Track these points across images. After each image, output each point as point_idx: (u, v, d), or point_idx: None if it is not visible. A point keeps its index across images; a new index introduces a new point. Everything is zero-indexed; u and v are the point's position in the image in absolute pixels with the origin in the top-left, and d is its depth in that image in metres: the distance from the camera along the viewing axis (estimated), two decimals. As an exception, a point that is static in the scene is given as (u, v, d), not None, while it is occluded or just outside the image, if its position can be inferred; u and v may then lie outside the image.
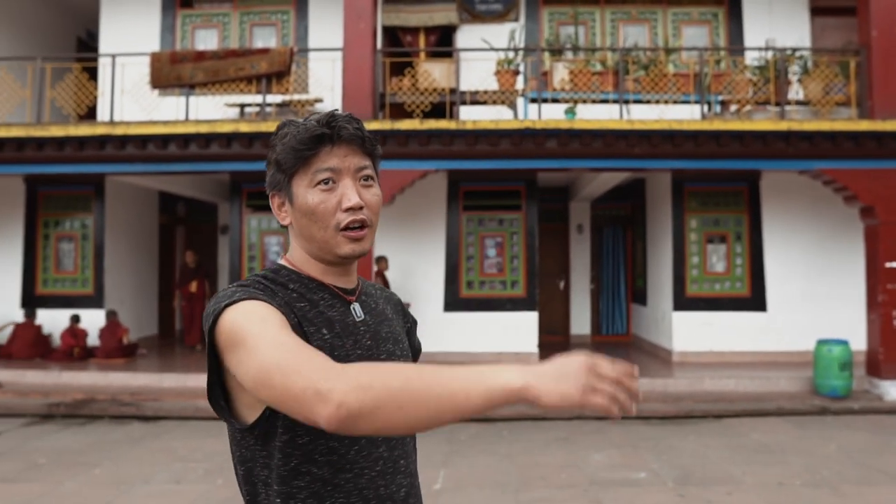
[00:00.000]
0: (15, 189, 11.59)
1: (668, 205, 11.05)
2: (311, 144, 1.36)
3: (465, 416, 1.09)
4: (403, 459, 1.41)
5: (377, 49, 9.36)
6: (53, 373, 9.75)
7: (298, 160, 1.36)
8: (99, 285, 11.46)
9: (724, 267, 10.94)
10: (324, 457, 1.29)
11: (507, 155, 9.12)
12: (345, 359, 1.30)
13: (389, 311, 1.54)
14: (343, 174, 1.37)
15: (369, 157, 1.42)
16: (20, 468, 6.32)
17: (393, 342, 1.45)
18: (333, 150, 1.37)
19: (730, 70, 10.14)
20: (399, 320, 1.57)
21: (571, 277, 13.67)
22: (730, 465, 6.31)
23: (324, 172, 1.36)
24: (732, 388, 9.12)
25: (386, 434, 1.29)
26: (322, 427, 1.06)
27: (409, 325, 1.64)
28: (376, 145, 1.44)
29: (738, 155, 9.10)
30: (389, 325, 1.48)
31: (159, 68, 9.72)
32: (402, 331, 1.55)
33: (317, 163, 1.36)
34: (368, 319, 1.42)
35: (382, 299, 1.55)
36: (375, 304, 1.49)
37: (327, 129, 1.36)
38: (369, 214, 1.39)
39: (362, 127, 1.41)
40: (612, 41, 11.33)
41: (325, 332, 1.33)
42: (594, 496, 5.48)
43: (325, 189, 1.36)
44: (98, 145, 9.31)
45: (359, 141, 1.39)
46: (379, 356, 1.39)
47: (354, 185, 1.38)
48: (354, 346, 1.36)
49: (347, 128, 1.37)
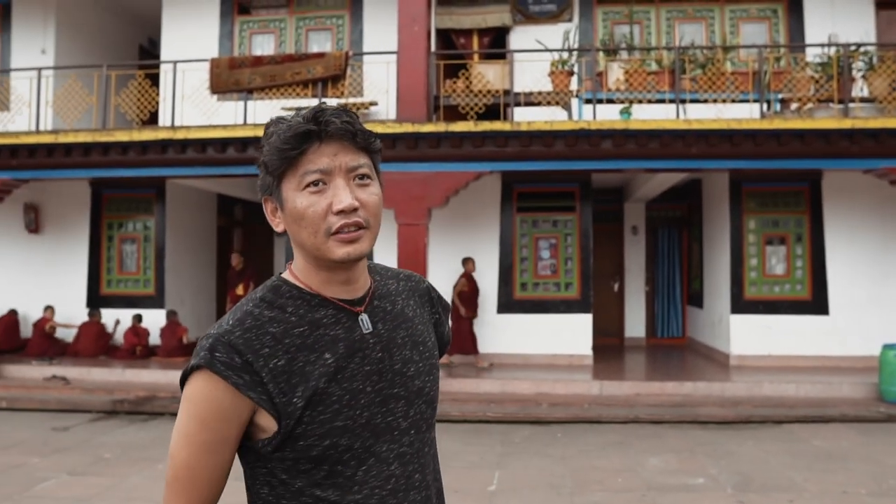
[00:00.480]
0: (82, 192, 11.99)
1: (725, 205, 10.85)
2: (296, 143, 1.24)
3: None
4: (419, 473, 1.34)
5: (431, 51, 9.41)
6: (117, 370, 10.05)
7: (284, 161, 1.25)
8: (160, 286, 11.77)
9: (783, 269, 10.69)
10: (329, 480, 1.25)
11: (562, 156, 9.07)
12: (351, 380, 1.26)
13: (412, 306, 1.43)
14: (334, 174, 1.25)
15: (365, 153, 1.30)
16: (88, 462, 6.54)
17: (411, 346, 1.36)
18: (322, 149, 1.25)
19: (790, 67, 9.90)
20: (425, 313, 1.47)
21: (626, 279, 13.52)
22: (791, 471, 6.17)
23: (312, 174, 1.24)
24: (793, 393, 8.89)
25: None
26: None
27: (438, 316, 1.51)
28: (372, 140, 1.30)
29: (800, 154, 8.89)
30: (409, 326, 1.39)
31: (218, 74, 9.94)
32: (427, 327, 1.45)
33: (305, 163, 1.25)
34: (381, 329, 1.33)
35: (403, 294, 1.44)
36: (392, 306, 1.39)
37: (313, 125, 1.24)
38: (366, 216, 1.27)
39: (354, 120, 1.27)
40: (668, 40, 11.17)
41: (328, 355, 1.26)
42: (651, 501, 5.41)
43: (315, 191, 1.25)
44: (160, 149, 9.58)
45: (349, 136, 1.26)
46: (392, 366, 1.31)
47: (347, 185, 1.26)
48: (362, 362, 1.28)
49: (335, 122, 1.24)
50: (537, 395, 9.04)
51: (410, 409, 1.33)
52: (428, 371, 1.39)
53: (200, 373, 1.22)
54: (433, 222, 10.13)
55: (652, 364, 11.24)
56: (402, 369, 1.33)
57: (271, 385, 1.22)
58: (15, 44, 12.12)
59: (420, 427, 1.35)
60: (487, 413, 8.34)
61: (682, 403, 8.56)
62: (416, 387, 1.35)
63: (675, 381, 9.23)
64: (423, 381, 1.37)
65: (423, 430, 1.36)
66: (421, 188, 9.02)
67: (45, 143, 9.64)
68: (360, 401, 1.27)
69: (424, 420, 1.36)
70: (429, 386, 1.38)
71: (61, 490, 5.70)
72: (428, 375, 1.38)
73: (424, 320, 1.45)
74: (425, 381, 1.37)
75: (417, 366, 1.36)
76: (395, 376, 1.32)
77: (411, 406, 1.33)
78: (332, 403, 1.24)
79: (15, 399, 9.05)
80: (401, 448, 1.31)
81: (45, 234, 12.10)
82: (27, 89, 10.76)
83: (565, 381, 9.33)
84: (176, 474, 1.24)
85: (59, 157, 9.77)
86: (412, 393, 1.34)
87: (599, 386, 9.16)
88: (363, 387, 1.28)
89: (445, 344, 1.55)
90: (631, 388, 9.12)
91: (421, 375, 1.36)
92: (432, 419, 1.40)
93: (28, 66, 11.25)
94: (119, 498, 5.51)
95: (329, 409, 1.24)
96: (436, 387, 1.41)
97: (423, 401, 1.36)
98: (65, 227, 12.07)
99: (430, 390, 1.38)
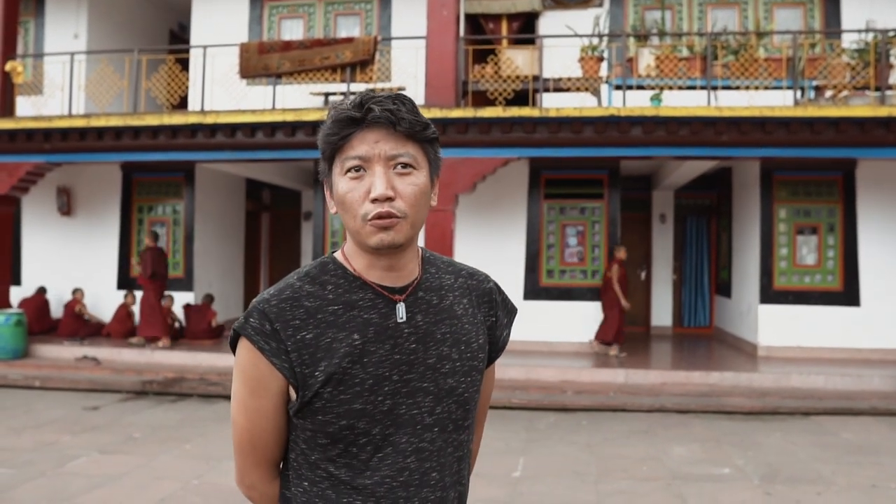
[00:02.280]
0: (113, 176, 12.15)
1: (756, 194, 10.70)
2: (339, 129, 1.27)
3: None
4: (437, 472, 1.32)
5: (460, 37, 9.36)
6: (146, 352, 10.19)
7: (329, 146, 1.29)
8: (189, 269, 11.91)
9: (814, 259, 10.54)
10: (342, 459, 1.28)
11: (591, 143, 9.00)
12: (378, 365, 1.27)
13: (464, 305, 1.40)
14: (373, 161, 1.26)
15: (413, 141, 1.28)
16: (118, 441, 6.65)
17: (451, 344, 1.34)
18: (364, 135, 1.26)
19: (825, 54, 9.71)
20: (479, 314, 1.42)
21: (653, 267, 13.42)
22: (819, 464, 6.10)
23: (352, 160, 1.26)
24: (822, 384, 8.78)
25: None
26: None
27: (495, 319, 1.46)
28: (419, 128, 1.28)
29: (834, 143, 8.73)
30: (454, 323, 1.36)
31: (248, 58, 9.98)
32: (478, 328, 1.41)
33: (347, 149, 1.27)
34: (419, 320, 1.32)
35: (458, 292, 1.41)
36: (440, 301, 1.36)
37: (356, 111, 1.25)
38: (402, 206, 1.26)
39: (401, 108, 1.26)
40: (700, 25, 11.01)
41: (357, 336, 1.27)
42: (677, 490, 5.39)
43: (355, 177, 1.26)
44: (189, 133, 9.65)
45: (390, 124, 1.25)
46: (426, 360, 1.31)
47: (385, 173, 1.25)
48: (392, 350, 1.28)
49: (374, 109, 1.24)
50: (562, 382, 9.02)
51: (437, 406, 1.32)
52: (466, 372, 1.36)
53: (241, 339, 1.31)
54: (460, 208, 10.12)
55: (678, 353, 11.17)
56: (437, 364, 1.32)
57: (294, 355, 1.26)
58: (49, 29, 12.27)
59: (446, 426, 1.34)
60: (512, 400, 8.35)
61: (709, 393, 8.49)
62: (449, 385, 1.33)
63: (702, 370, 9.16)
64: (458, 380, 1.34)
65: (448, 429, 1.34)
66: (448, 174, 9.01)
67: (78, 126, 9.76)
68: (385, 388, 1.27)
69: (452, 420, 1.34)
70: (463, 387, 1.35)
71: (92, 468, 5.81)
72: (465, 376, 1.36)
73: (476, 321, 1.42)
74: (460, 381, 1.35)
75: (455, 364, 1.34)
76: (427, 370, 1.31)
77: (439, 403, 1.32)
78: (353, 385, 1.26)
79: (48, 378, 9.23)
80: (421, 443, 1.31)
81: (77, 217, 12.28)
82: (60, 74, 10.90)
83: (591, 369, 9.30)
84: (239, 438, 1.37)
85: (91, 141, 9.88)
86: (442, 390, 1.32)
87: (625, 374, 9.12)
88: (390, 374, 1.28)
89: (499, 349, 1.49)
90: (657, 377, 9.07)
91: (456, 374, 1.34)
92: (463, 421, 1.37)
93: (61, 50, 11.39)
94: (148, 476, 5.60)
95: (350, 391, 1.26)
96: (473, 389, 1.38)
97: (453, 400, 1.34)
98: (96, 210, 12.24)
99: (465, 392, 1.36)
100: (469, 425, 1.40)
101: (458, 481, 1.39)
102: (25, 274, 12.28)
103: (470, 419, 1.39)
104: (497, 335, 1.48)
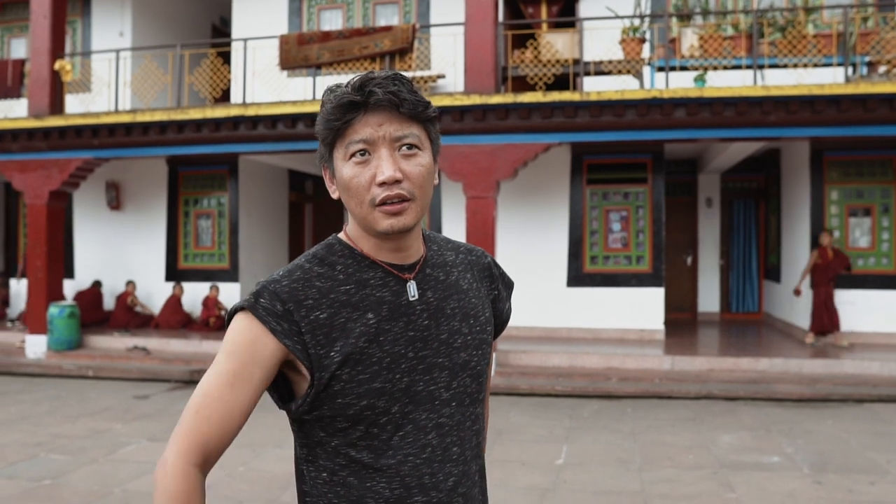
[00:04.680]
0: (159, 170, 12.38)
1: (805, 176, 10.41)
2: (341, 114, 1.24)
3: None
4: (457, 447, 1.33)
5: (499, 22, 9.27)
6: (194, 342, 10.39)
7: (331, 131, 1.27)
8: (234, 260, 12.09)
9: (868, 242, 10.22)
10: (364, 441, 1.27)
11: (633, 126, 8.84)
12: (393, 343, 1.27)
13: (468, 279, 1.42)
14: (378, 144, 1.24)
15: (416, 122, 1.27)
16: (166, 429, 6.79)
17: (461, 318, 1.35)
18: (367, 119, 1.24)
19: (878, 28, 9.37)
20: (482, 288, 1.45)
21: (700, 253, 13.18)
22: (872, 452, 5.92)
23: (356, 144, 1.24)
24: (876, 371, 8.52)
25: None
26: None
27: (497, 292, 1.49)
28: (421, 109, 1.26)
29: (888, 120, 8.42)
30: (461, 298, 1.37)
31: (287, 50, 10.04)
32: (483, 301, 1.43)
33: (350, 134, 1.25)
34: (430, 297, 1.33)
35: (461, 267, 1.43)
36: (446, 276, 1.38)
37: (358, 95, 1.23)
38: (410, 188, 1.25)
39: (402, 89, 1.24)
40: (745, 3, 10.71)
41: (371, 315, 1.27)
42: (724, 479, 5.29)
43: (360, 162, 1.25)
44: (232, 126, 9.76)
45: (394, 106, 1.24)
46: (439, 336, 1.31)
47: (391, 155, 1.24)
48: (406, 327, 1.28)
49: (377, 92, 1.23)
50: (607, 369, 8.93)
51: (453, 381, 1.33)
52: (477, 345, 1.37)
53: (243, 313, 1.26)
54: (502, 195, 10.06)
55: (726, 339, 10.96)
56: (449, 339, 1.33)
57: (308, 336, 1.24)
58: (95, 28, 12.54)
59: (462, 400, 1.35)
60: (556, 387, 8.29)
61: (758, 380, 8.31)
62: (462, 359, 1.34)
63: (751, 356, 8.97)
64: (470, 354, 1.35)
65: (465, 403, 1.35)
66: (489, 160, 8.95)
67: (124, 122, 9.95)
68: (402, 365, 1.28)
69: (468, 394, 1.36)
70: (475, 360, 1.36)
71: (142, 455, 5.94)
72: (476, 350, 1.37)
73: (481, 295, 1.44)
74: (472, 354, 1.36)
75: (465, 338, 1.35)
76: (441, 346, 1.32)
77: (454, 377, 1.33)
78: (371, 364, 1.26)
79: (100, 368, 9.48)
80: (440, 418, 1.31)
81: (126, 211, 12.56)
82: (106, 71, 11.12)
83: (635, 355, 9.18)
84: (193, 399, 1.26)
85: (136, 136, 10.07)
86: (457, 364, 1.33)
87: (671, 361, 8.98)
88: (405, 352, 1.28)
89: (504, 322, 1.53)
90: (704, 364, 8.91)
91: (468, 348, 1.35)
92: (477, 394, 1.38)
93: (107, 48, 11.61)
94: (196, 464, 5.70)
95: (368, 370, 1.25)
96: (484, 362, 1.39)
97: (467, 374, 1.35)
98: (144, 204, 12.49)
99: (477, 364, 1.37)
100: (482, 399, 1.41)
101: (477, 455, 1.40)
102: (78, 267, 12.61)
103: (483, 392, 1.41)
104: (500, 308, 1.51)
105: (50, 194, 10.44)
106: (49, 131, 10.23)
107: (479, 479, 1.40)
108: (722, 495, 4.95)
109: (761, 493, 4.99)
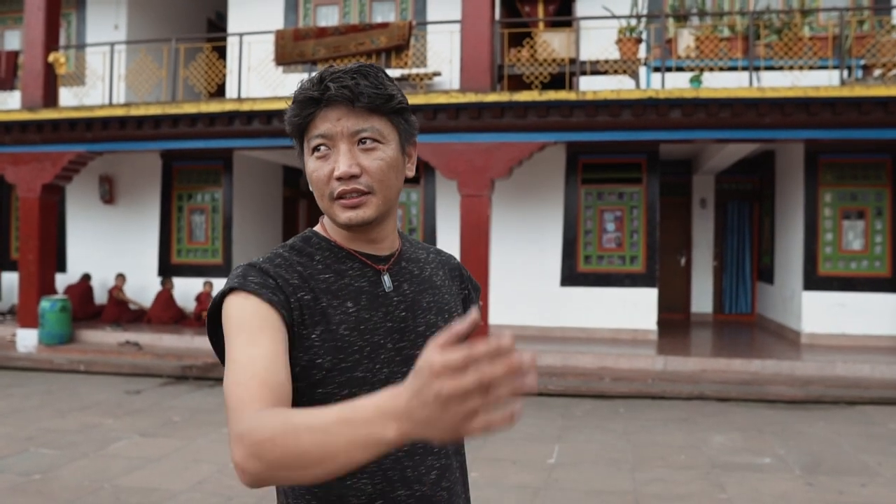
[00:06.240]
0: (153, 164, 12.32)
1: (800, 178, 10.43)
2: (300, 109, 1.26)
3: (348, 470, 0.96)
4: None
5: (495, 20, 9.25)
6: (186, 337, 10.34)
7: (294, 127, 1.28)
8: (227, 256, 12.05)
9: (861, 245, 10.25)
10: None
11: (629, 126, 8.85)
12: (373, 332, 1.27)
13: (441, 276, 1.43)
14: (336, 139, 1.25)
15: (378, 115, 1.26)
16: (158, 424, 6.77)
17: (436, 312, 1.36)
18: (326, 114, 1.24)
19: (874, 31, 9.40)
20: (454, 287, 1.46)
21: (693, 253, 13.20)
22: (864, 454, 5.94)
23: (315, 139, 1.26)
24: (868, 373, 8.55)
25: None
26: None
27: (467, 293, 1.51)
28: (380, 102, 1.25)
29: (883, 124, 8.44)
30: (436, 293, 1.39)
31: (283, 45, 10.00)
32: (455, 299, 1.45)
33: (311, 128, 1.26)
34: (405, 289, 1.34)
35: (433, 265, 1.44)
36: (420, 271, 1.39)
37: (315, 90, 1.24)
38: (368, 182, 1.25)
39: (360, 83, 1.23)
40: (742, 4, 10.72)
41: (350, 304, 1.27)
42: (715, 480, 5.30)
43: (321, 156, 1.26)
44: (227, 121, 9.72)
45: (348, 100, 1.23)
46: (416, 328, 1.32)
47: (350, 150, 1.25)
48: (385, 317, 1.29)
49: (331, 87, 1.22)
50: (600, 369, 8.93)
51: None
52: None
53: (234, 294, 1.21)
54: (496, 193, 10.04)
55: (719, 340, 10.98)
56: (426, 332, 1.33)
57: (297, 313, 1.23)
58: (90, 20, 12.46)
59: None
60: (549, 386, 8.29)
61: (750, 381, 8.33)
62: None
63: (743, 358, 8.99)
64: None
65: None
66: (484, 159, 8.94)
67: (118, 116, 9.90)
68: (381, 356, 1.27)
69: None
70: None
71: (133, 450, 5.92)
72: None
73: (453, 293, 1.45)
74: None
75: (441, 332, 1.31)
76: (418, 338, 1.32)
77: None
78: (353, 353, 1.25)
79: (92, 363, 9.43)
80: None
81: (119, 205, 12.50)
82: (101, 64, 11.06)
83: (628, 355, 9.19)
84: (227, 390, 1.12)
85: (130, 130, 10.02)
86: None
87: (664, 361, 8.99)
88: (384, 342, 1.28)
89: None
90: (696, 365, 8.93)
91: None
92: None
93: (102, 41, 11.54)
94: (186, 459, 5.68)
95: (350, 358, 1.25)
96: None
97: None
98: (137, 198, 12.44)
99: None
100: None
101: (458, 450, 1.39)
102: (70, 261, 12.55)
103: None
104: (470, 308, 1.51)
105: (43, 188, 10.38)
106: (42, 124, 10.17)
107: (459, 474, 1.39)
108: (713, 496, 4.96)
109: (753, 493, 5.00)
